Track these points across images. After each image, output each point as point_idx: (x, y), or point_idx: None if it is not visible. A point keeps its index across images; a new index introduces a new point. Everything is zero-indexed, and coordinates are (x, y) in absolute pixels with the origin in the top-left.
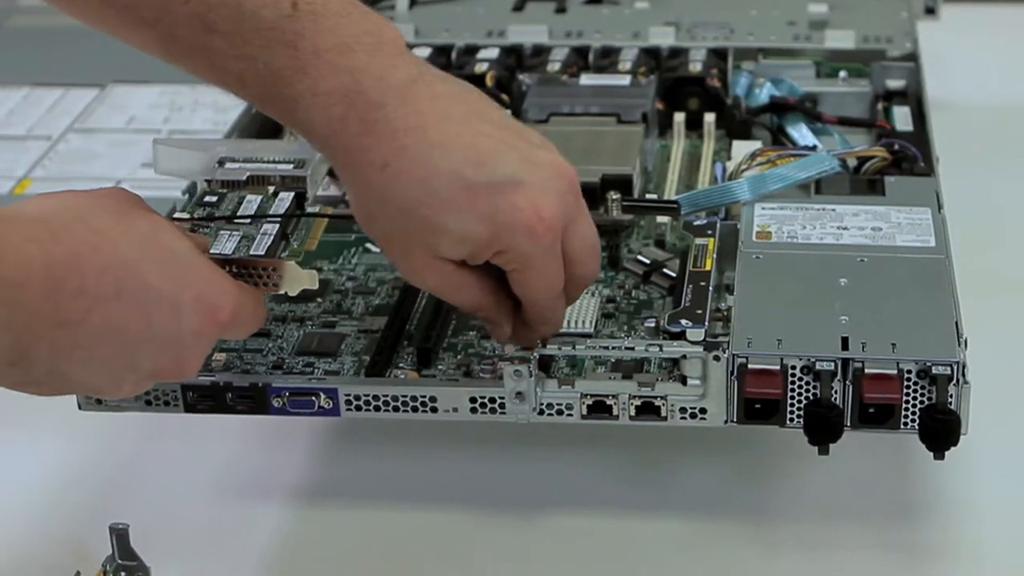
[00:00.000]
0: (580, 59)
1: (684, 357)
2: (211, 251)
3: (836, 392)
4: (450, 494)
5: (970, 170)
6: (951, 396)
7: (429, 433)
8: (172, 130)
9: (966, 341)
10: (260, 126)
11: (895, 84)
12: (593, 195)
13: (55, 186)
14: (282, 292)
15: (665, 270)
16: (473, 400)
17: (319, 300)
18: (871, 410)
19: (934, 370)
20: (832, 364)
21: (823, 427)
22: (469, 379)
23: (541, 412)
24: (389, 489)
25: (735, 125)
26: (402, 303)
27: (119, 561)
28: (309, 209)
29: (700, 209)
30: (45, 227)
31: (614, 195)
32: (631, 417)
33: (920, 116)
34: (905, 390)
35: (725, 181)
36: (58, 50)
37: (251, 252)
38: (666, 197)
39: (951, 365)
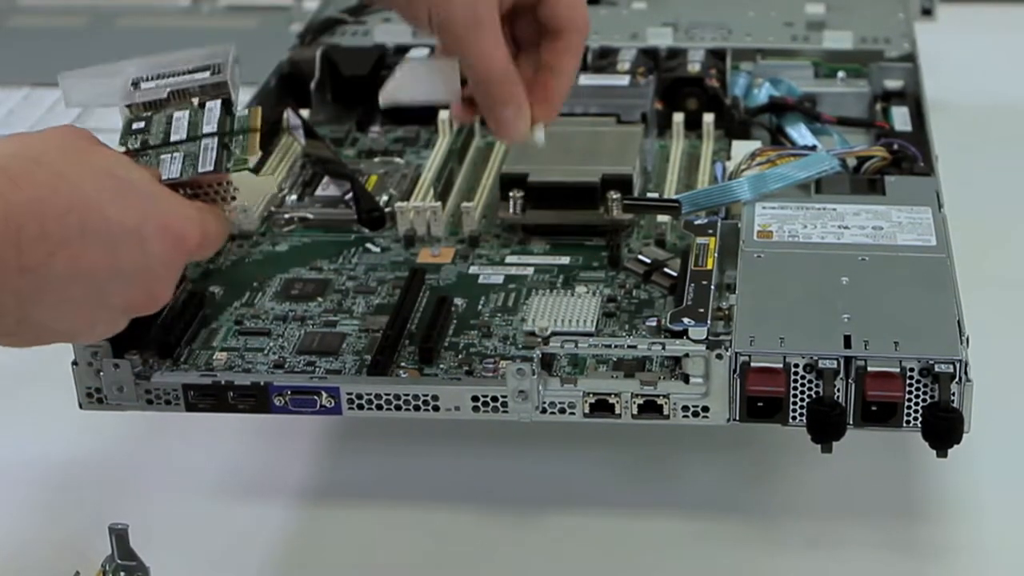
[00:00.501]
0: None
1: (686, 356)
2: (162, 177)
3: (839, 390)
4: (452, 493)
5: (970, 169)
6: (953, 394)
7: (431, 432)
8: None
9: (968, 339)
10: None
11: (893, 84)
12: (593, 195)
13: None
14: (242, 204)
15: (666, 269)
16: (475, 399)
17: (320, 300)
18: (874, 408)
19: (936, 368)
20: (834, 362)
21: (826, 425)
22: (471, 378)
23: (543, 411)
24: (391, 488)
25: (734, 125)
26: (403, 302)
27: (119, 561)
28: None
29: (701, 208)
30: (2, 174)
31: (614, 195)
32: (633, 416)
33: (919, 116)
34: (908, 388)
35: (725, 181)
36: (58, 50)
37: (200, 170)
38: (667, 197)
39: (953, 363)
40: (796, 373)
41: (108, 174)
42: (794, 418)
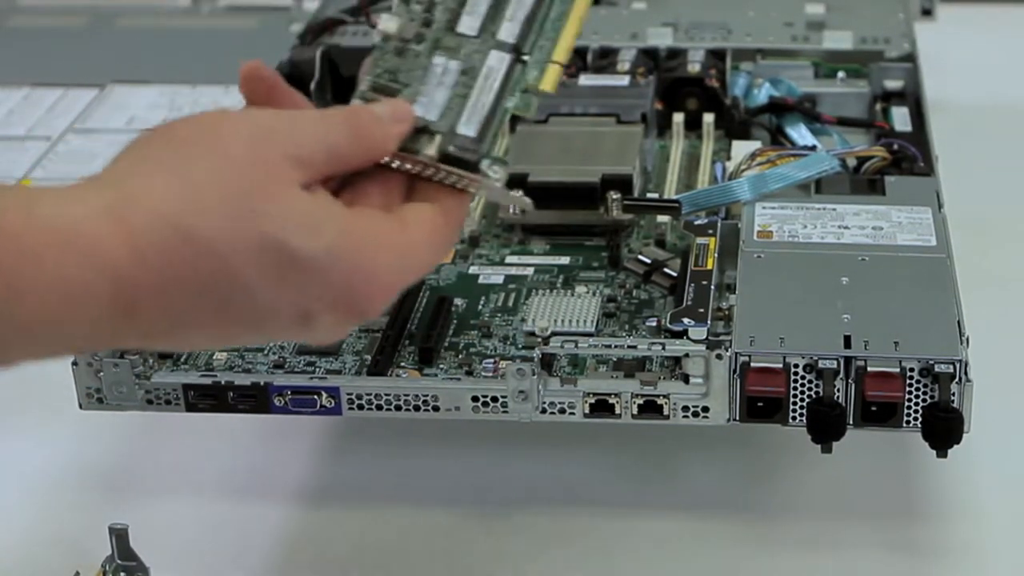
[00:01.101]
0: (578, 60)
1: (686, 356)
2: (416, 114)
3: (838, 390)
4: (452, 493)
5: (970, 169)
6: (953, 394)
7: (431, 432)
8: None
9: (968, 339)
10: None
11: (893, 85)
12: (593, 195)
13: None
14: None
15: (666, 269)
16: (475, 399)
17: None
18: (873, 408)
19: (936, 368)
20: (834, 362)
21: (826, 425)
22: (471, 378)
23: (543, 411)
24: (391, 488)
25: (734, 125)
26: (403, 302)
27: (118, 561)
28: None
29: (701, 209)
30: (126, 242)
31: (614, 195)
32: (633, 416)
33: (919, 116)
34: (908, 388)
35: (725, 181)
36: (58, 50)
37: (459, 130)
38: (667, 197)
39: (953, 363)
40: (796, 373)
41: (277, 248)
42: (794, 418)
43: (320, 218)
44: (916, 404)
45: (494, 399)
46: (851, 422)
